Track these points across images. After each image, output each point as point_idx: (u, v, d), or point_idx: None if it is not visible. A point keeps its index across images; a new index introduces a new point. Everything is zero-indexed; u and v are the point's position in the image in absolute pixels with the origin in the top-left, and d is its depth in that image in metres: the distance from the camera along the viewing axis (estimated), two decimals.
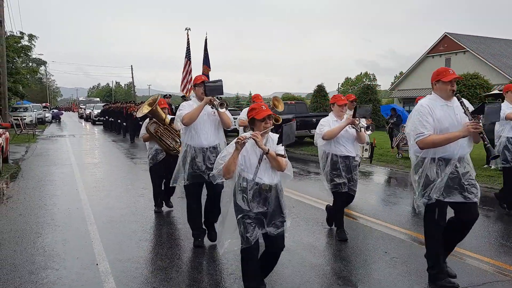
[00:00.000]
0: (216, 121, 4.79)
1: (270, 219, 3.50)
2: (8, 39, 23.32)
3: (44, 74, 69.87)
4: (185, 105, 4.79)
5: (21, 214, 6.37)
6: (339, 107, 5.38)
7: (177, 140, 6.05)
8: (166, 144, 6.06)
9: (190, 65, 15.40)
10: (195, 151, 4.74)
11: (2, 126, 11.38)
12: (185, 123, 4.64)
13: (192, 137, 4.74)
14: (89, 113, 39.04)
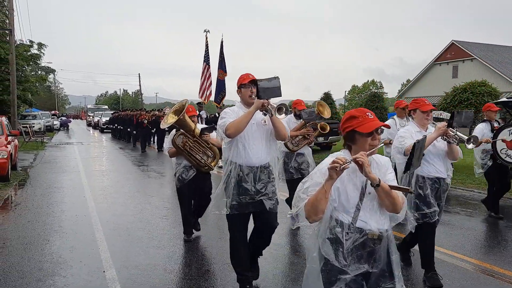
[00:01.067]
0: (268, 132, 3.81)
1: (375, 284, 2.42)
2: (18, 47, 23.61)
3: (52, 82, 70.61)
4: (229, 111, 3.84)
5: (29, 221, 6.41)
6: (423, 113, 4.22)
7: (209, 154, 5.17)
8: (196, 160, 5.10)
9: (209, 69, 14.52)
10: (242, 171, 3.74)
11: (11, 133, 11.48)
12: (230, 135, 3.64)
13: (239, 153, 3.75)
14: (97, 121, 39.09)
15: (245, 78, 3.84)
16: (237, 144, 3.76)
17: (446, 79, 36.30)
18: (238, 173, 3.75)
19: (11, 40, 20.19)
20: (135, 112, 22.15)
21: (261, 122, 3.79)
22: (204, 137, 5.13)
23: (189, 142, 5.08)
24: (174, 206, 7.59)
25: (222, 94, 14.05)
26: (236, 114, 3.76)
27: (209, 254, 5.03)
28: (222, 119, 3.75)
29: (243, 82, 3.82)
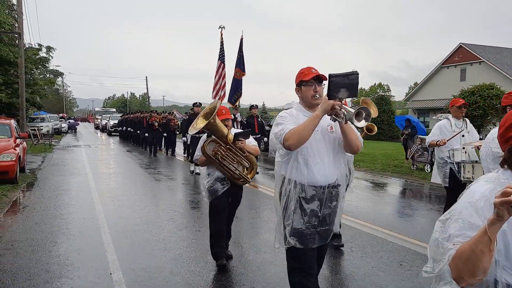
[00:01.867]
0: (335, 141, 2.98)
1: None
2: (27, 51, 23.81)
3: (61, 85, 71.15)
4: (286, 116, 2.99)
5: (37, 223, 6.45)
6: None
7: (245, 164, 4.45)
8: (230, 171, 4.39)
9: (224, 68, 13.56)
10: (305, 193, 2.91)
11: (19, 136, 11.58)
12: (291, 146, 2.80)
13: (299, 169, 2.92)
14: (105, 124, 38.92)
15: (307, 74, 3.02)
16: (296, 157, 2.92)
17: (454, 82, 36.10)
18: (299, 195, 2.92)
19: (20, 44, 20.38)
20: (145, 114, 21.47)
21: (326, 129, 2.97)
22: (239, 144, 4.37)
23: (221, 150, 4.33)
24: (181, 209, 7.61)
25: (238, 94, 13.39)
26: (295, 119, 2.96)
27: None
28: (278, 125, 2.94)
29: (304, 78, 3.01)
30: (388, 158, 16.41)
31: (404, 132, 15.31)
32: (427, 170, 13.18)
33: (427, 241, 5.53)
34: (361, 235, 5.99)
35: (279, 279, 4.34)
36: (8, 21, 21.00)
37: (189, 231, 6.12)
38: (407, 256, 5.10)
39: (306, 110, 3.03)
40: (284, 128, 2.87)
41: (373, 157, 16.51)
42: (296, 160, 2.94)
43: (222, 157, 4.36)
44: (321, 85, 2.98)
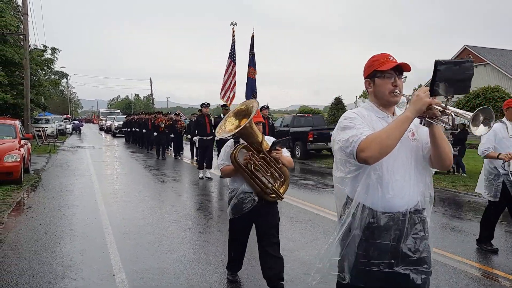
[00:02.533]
0: (418, 152, 2.28)
1: None
2: (32, 52, 23.92)
3: (65, 86, 71.44)
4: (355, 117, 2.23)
5: (41, 224, 6.46)
6: None
7: (278, 177, 3.79)
8: (262, 184, 3.74)
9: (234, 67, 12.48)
10: (376, 220, 2.19)
11: (24, 137, 11.62)
12: (369, 159, 2.06)
13: (370, 188, 2.19)
14: (109, 125, 38.71)
15: (384, 62, 2.26)
16: (369, 173, 2.17)
17: None
18: (368, 223, 2.19)
19: (25, 45, 20.46)
20: (151, 115, 21.07)
21: (407, 136, 2.20)
22: (275, 154, 3.74)
23: (254, 159, 3.66)
24: (184, 211, 7.60)
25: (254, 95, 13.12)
26: (368, 121, 2.23)
27: (220, 259, 5.01)
28: (346, 129, 2.17)
29: (381, 68, 2.26)
30: None
31: None
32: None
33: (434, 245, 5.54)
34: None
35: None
36: (13, 23, 21.09)
37: (192, 233, 6.11)
38: None
39: (380, 109, 2.32)
40: (357, 134, 2.11)
41: None
42: (368, 177, 2.18)
43: (255, 167, 3.66)
44: (401, 77, 2.30)
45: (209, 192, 9.58)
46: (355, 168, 2.20)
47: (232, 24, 13.28)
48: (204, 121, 11.75)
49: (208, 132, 11.66)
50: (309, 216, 7.08)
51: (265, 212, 3.90)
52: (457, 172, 13.36)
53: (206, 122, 11.73)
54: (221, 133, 3.69)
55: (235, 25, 13.33)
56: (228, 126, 3.69)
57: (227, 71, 13.23)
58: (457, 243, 5.74)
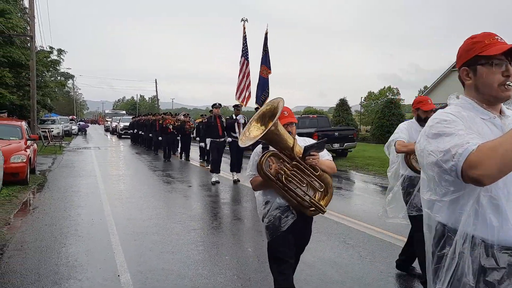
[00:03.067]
0: None
1: None
2: (38, 53, 24.08)
3: (71, 88, 71.79)
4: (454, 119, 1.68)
5: (47, 224, 6.49)
6: None
7: (317, 187, 3.17)
8: (297, 197, 3.10)
9: (248, 66, 12.17)
10: (494, 260, 1.62)
11: (30, 138, 11.68)
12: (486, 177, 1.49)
13: (483, 216, 1.64)
14: (115, 126, 38.50)
15: (490, 43, 1.72)
16: (477, 196, 1.64)
17: None
18: (482, 261, 1.63)
19: (32, 47, 20.61)
20: (158, 116, 20.59)
21: None
22: (310, 160, 3.09)
23: (286, 168, 3.06)
24: (189, 211, 7.62)
25: (265, 95, 12.03)
26: (470, 123, 1.70)
27: (224, 260, 5.02)
28: (441, 137, 1.65)
29: (487, 52, 1.71)
30: None
31: None
32: None
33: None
34: (370, 239, 5.95)
35: None
36: (20, 24, 21.26)
37: (197, 234, 6.12)
38: (416, 261, 5.04)
39: (483, 108, 1.79)
40: (463, 144, 1.56)
41: (382, 160, 16.38)
42: (476, 202, 1.64)
43: (286, 177, 3.04)
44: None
45: (215, 194, 9.59)
46: (455, 188, 1.66)
47: (243, 20, 12.03)
48: (216, 123, 11.24)
49: (220, 134, 11.21)
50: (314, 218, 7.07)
51: (301, 227, 3.32)
52: None
53: (218, 124, 11.24)
54: (245, 140, 3.02)
55: (246, 21, 12.07)
56: (253, 132, 3.05)
57: (241, 71, 12.10)
58: None
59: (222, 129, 11.30)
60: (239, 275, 4.52)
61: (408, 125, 4.27)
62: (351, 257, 5.19)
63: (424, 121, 4.01)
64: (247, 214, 7.56)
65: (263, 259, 5.07)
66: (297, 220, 3.23)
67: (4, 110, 18.65)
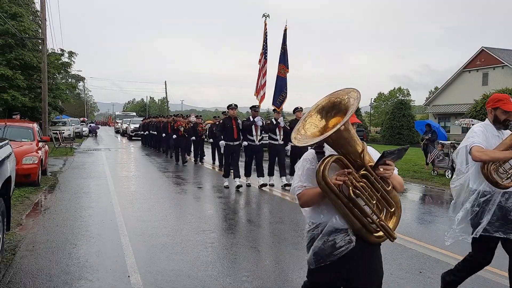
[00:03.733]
0: None
1: None
2: (50, 56, 24.32)
3: (82, 90, 72.45)
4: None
5: (58, 225, 6.56)
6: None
7: (387, 206, 2.50)
8: (363, 217, 2.43)
9: (265, 64, 11.61)
10: None
11: (42, 139, 11.80)
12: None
13: None
14: (125, 128, 38.41)
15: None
16: None
17: (476, 87, 35.50)
18: None
19: (43, 49, 20.83)
20: (169, 118, 20.11)
21: None
22: (383, 171, 2.37)
23: (354, 180, 2.34)
24: (198, 213, 7.64)
25: (283, 95, 11.33)
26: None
27: (234, 261, 5.02)
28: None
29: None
30: (408, 163, 16.20)
31: (425, 137, 15.13)
32: (447, 175, 12.95)
33: (447, 248, 5.40)
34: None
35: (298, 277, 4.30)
36: (32, 27, 21.52)
37: (206, 235, 6.14)
38: (427, 263, 5.01)
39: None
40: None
41: None
42: None
43: (355, 191, 2.32)
44: None
45: (225, 196, 9.60)
46: None
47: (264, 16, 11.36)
48: (231, 125, 10.52)
49: (235, 137, 10.51)
50: None
51: (364, 259, 2.51)
52: None
53: (233, 126, 10.51)
54: (300, 139, 2.38)
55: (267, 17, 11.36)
56: (310, 129, 2.44)
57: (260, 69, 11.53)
58: None
59: (238, 131, 10.59)
60: (248, 276, 4.53)
61: (484, 127, 3.56)
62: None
63: (502, 123, 3.51)
64: (256, 216, 7.56)
65: (271, 260, 5.07)
66: (356, 249, 2.45)
67: (16, 112, 18.90)
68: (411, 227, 6.85)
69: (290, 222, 7.01)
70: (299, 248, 5.50)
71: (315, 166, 2.41)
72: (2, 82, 19.05)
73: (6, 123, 11.26)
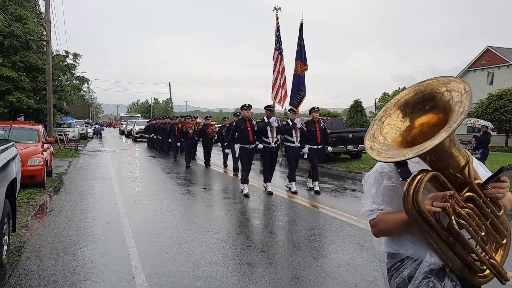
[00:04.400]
0: None
1: None
2: (54, 58, 24.45)
3: (87, 91, 72.71)
4: None
5: (63, 226, 6.58)
6: None
7: (496, 235, 1.80)
8: (470, 252, 1.75)
9: (282, 61, 10.74)
10: None
11: (47, 141, 11.86)
12: None
13: None
14: (130, 130, 37.99)
15: None
16: None
17: (481, 86, 35.38)
18: None
19: (48, 51, 20.94)
20: (176, 119, 19.19)
21: None
22: (494, 192, 1.75)
23: (456, 204, 1.70)
24: (202, 214, 7.65)
25: (301, 94, 10.61)
26: None
27: (239, 262, 5.02)
28: None
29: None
30: None
31: None
32: None
33: None
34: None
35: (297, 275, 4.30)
36: (36, 29, 21.63)
37: (210, 236, 6.14)
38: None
39: None
40: None
41: None
42: None
43: (459, 221, 1.71)
44: None
45: (230, 197, 9.61)
46: None
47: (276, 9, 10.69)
48: (246, 126, 9.71)
49: (251, 140, 9.70)
50: (328, 220, 7.03)
51: None
52: None
53: (248, 127, 9.70)
54: (381, 151, 1.71)
55: (279, 10, 10.69)
56: (390, 133, 1.80)
57: (275, 67, 10.68)
58: None
59: (253, 133, 9.75)
60: (252, 277, 4.52)
61: None
62: (366, 259, 5.15)
63: None
64: (260, 216, 7.56)
65: (277, 260, 5.06)
66: None
67: (21, 114, 18.99)
68: None
69: (295, 223, 7.01)
70: (304, 249, 5.50)
71: (396, 184, 1.85)
72: (7, 84, 19.16)
73: (11, 125, 11.32)
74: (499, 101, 25.47)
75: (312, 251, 5.40)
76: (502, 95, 25.78)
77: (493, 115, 25.22)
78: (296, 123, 9.90)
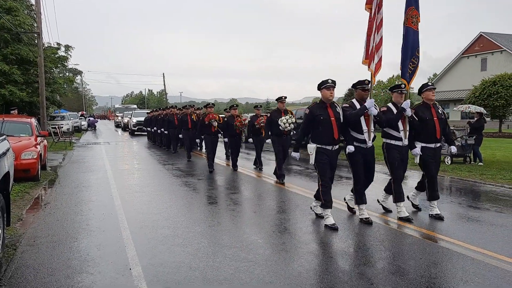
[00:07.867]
0: None
1: None
2: (46, 50, 24.19)
3: (80, 84, 72.23)
4: None
5: (58, 220, 6.56)
6: None
7: None
8: None
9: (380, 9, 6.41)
10: None
11: (40, 134, 11.78)
12: None
13: None
14: (126, 122, 34.99)
15: None
16: None
17: (475, 72, 35.43)
18: None
19: (39, 43, 20.72)
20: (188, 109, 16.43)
21: None
22: None
23: None
24: (198, 204, 7.64)
25: (415, 62, 6.82)
26: None
27: (234, 252, 5.03)
28: None
29: None
30: None
31: None
32: (447, 162, 12.96)
33: (450, 235, 5.44)
34: (379, 228, 5.93)
35: (298, 273, 4.31)
36: (27, 21, 21.39)
37: (206, 226, 6.14)
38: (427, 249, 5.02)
39: None
40: None
41: None
42: None
43: None
44: None
45: (221, 185, 9.60)
46: None
47: None
48: (328, 117, 6.36)
49: (335, 138, 6.47)
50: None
51: None
52: (474, 161, 13.17)
53: (331, 118, 6.35)
54: None
55: None
56: None
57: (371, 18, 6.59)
58: (474, 233, 5.67)
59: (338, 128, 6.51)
60: (248, 266, 4.53)
61: None
62: (374, 249, 5.17)
63: None
64: (259, 207, 7.56)
65: (273, 249, 5.07)
66: None
67: (14, 107, 18.85)
68: (410, 214, 6.83)
69: (293, 212, 7.03)
70: (300, 239, 5.52)
71: None
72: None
73: (4, 119, 11.24)
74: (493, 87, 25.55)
75: (306, 240, 5.42)
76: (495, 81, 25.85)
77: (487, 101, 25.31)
78: (405, 108, 6.51)
